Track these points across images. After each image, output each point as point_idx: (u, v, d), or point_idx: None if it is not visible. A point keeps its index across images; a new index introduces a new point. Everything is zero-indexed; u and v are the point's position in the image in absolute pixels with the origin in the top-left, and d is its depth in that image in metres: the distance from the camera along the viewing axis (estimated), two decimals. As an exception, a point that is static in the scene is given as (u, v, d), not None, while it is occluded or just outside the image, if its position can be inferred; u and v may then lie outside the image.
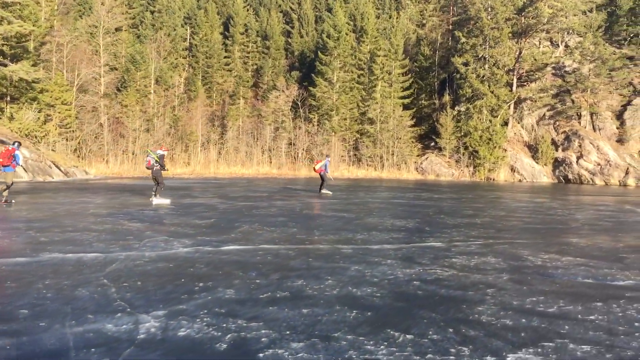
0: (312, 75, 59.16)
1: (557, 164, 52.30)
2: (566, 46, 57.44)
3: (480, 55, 52.77)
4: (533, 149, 53.55)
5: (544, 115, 55.20)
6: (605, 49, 52.20)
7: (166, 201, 16.22)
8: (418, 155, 56.72)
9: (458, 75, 54.03)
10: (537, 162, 52.47)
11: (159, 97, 54.44)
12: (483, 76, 52.79)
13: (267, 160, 55.36)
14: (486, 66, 52.80)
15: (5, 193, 14.70)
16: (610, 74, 53.59)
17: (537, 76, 55.61)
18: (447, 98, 57.00)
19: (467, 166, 53.23)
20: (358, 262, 7.80)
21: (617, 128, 52.76)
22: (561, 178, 51.91)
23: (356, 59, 59.59)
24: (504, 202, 21.09)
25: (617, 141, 52.09)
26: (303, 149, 56.17)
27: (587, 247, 9.82)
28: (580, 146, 51.05)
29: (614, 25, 62.52)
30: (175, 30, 69.29)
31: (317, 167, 21.89)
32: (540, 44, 59.36)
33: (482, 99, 52.25)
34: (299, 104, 58.62)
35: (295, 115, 59.00)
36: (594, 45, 51.57)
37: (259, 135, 56.50)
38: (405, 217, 14.53)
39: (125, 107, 47.86)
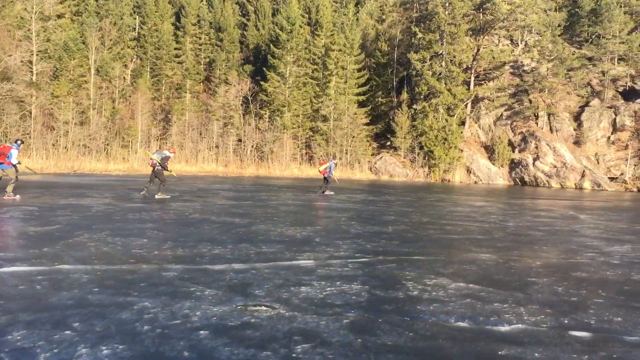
0: (264, 69, 56.89)
1: (513, 165, 51.31)
2: (526, 45, 56.54)
3: (437, 52, 51.32)
4: (490, 150, 52.47)
5: (501, 115, 54.19)
6: (564, 48, 51.42)
7: (167, 196, 17.38)
8: (373, 155, 55.03)
9: (414, 72, 52.49)
10: (493, 164, 51.37)
11: (98, 88, 51.34)
12: (440, 74, 51.40)
13: (214, 158, 52.82)
14: (443, 63, 51.41)
15: (9, 188, 15.00)
16: (568, 74, 52.90)
17: (495, 75, 54.57)
18: (405, 96, 55.51)
19: (422, 167, 51.79)
20: (157, 295, 5.68)
21: (575, 130, 52.08)
22: (517, 180, 50.94)
23: (310, 53, 57.55)
24: (439, 206, 19.28)
25: (574, 143, 51.39)
26: (252, 147, 53.85)
27: (493, 267, 7.91)
28: (536, 147, 50.14)
29: (575, 26, 62.11)
30: (122, 19, 65.95)
31: (321, 168, 21.85)
32: (499, 42, 58.41)
33: (439, 97, 50.84)
34: (250, 99, 56.26)
35: (246, 111, 56.63)
36: (552, 44, 50.72)
37: (206, 131, 53.91)
38: (307, 223, 12.48)
39: (57, 97, 44.70)
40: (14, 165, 15.05)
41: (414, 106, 53.77)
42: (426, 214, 16.30)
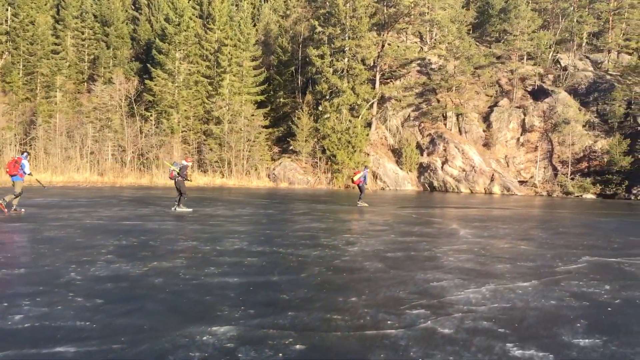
0: (148, 65, 51.63)
1: (422, 170, 48.68)
2: (434, 41, 54.40)
3: (338, 48, 47.95)
4: (397, 154, 49.60)
5: (409, 116, 51.58)
6: (470, 45, 49.45)
7: (188, 210, 16.79)
8: (273, 160, 50.91)
9: (314, 70, 48.91)
10: (401, 168, 48.50)
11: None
12: (342, 71, 48.06)
13: (89, 166, 46.85)
14: (345, 60, 48.12)
15: (15, 202, 15.02)
16: (476, 72, 51.04)
17: (401, 73, 51.95)
18: (309, 97, 51.88)
19: (325, 172, 48.16)
20: None
21: (484, 131, 50.17)
22: (427, 185, 48.33)
23: (203, 49, 52.83)
24: (294, 222, 15.18)
25: (484, 145, 49.44)
26: (136, 153, 48.35)
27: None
28: (445, 150, 47.71)
29: (486, 25, 60.83)
30: (-11, 9, 58.61)
31: (355, 178, 21.75)
32: (406, 39, 56.01)
33: (341, 96, 47.45)
34: (133, 99, 50.76)
35: (130, 113, 51.04)
36: (459, 40, 48.58)
37: (79, 135, 47.85)
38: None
39: None
40: (28, 175, 15.30)
41: (320, 108, 50.19)
42: (253, 233, 12.13)
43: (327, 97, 48.42)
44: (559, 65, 55.21)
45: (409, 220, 16.54)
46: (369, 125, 50.86)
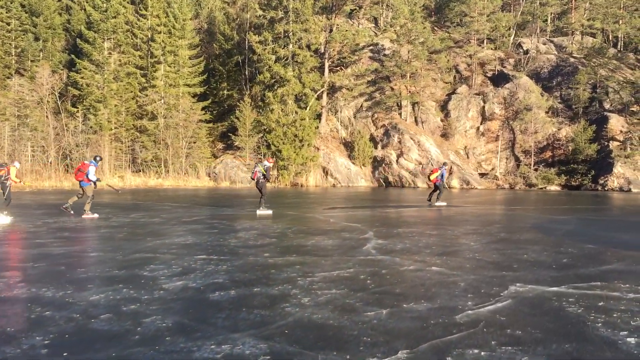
0: (72, 56, 47.27)
1: (376, 164, 45.46)
2: (385, 24, 51.18)
3: (281, 32, 44.35)
4: (350, 147, 46.26)
5: (361, 106, 48.29)
6: (425, 28, 46.35)
7: (269, 212, 16.34)
8: (215, 158, 47.14)
9: (255, 57, 45.23)
10: (354, 163, 45.18)
11: None
12: (286, 58, 44.48)
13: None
14: (290, 46, 44.54)
15: (86, 207, 15.05)
16: (431, 57, 48.00)
17: (353, 60, 48.62)
18: (256, 88, 48.26)
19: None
20: None
21: (442, 120, 47.19)
22: (381, 181, 45.11)
23: (135, 37, 48.64)
24: (167, 233, 11.57)
25: (442, 136, 46.46)
26: (59, 153, 43.97)
27: None
28: (400, 142, 44.55)
29: (445, 9, 57.89)
30: None
31: (432, 177, 20.97)
32: (359, 23, 52.68)
33: (285, 85, 43.89)
34: (57, 94, 46.32)
35: (55, 109, 46.57)
36: (411, 23, 45.41)
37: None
38: None
39: None
40: (94, 182, 15.17)
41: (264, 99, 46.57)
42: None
43: (271, 87, 44.83)
44: (521, 50, 52.60)
45: (317, 228, 13.12)
46: (319, 117, 47.45)
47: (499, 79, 48.50)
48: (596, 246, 9.85)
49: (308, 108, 45.42)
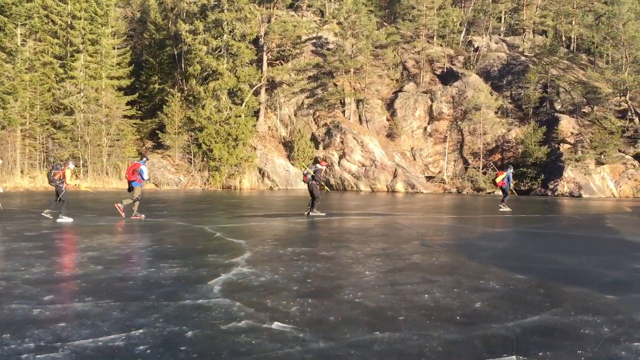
0: (-21, 42, 42.92)
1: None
2: (328, 16, 48.76)
3: (214, 21, 41.27)
4: (290, 147, 43.57)
5: (302, 103, 45.68)
6: (370, 20, 44.06)
7: (322, 214, 16.47)
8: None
9: (186, 48, 42.03)
10: (293, 164, 42.48)
11: None
12: (218, 49, 41.44)
13: None
14: (224, 37, 41.52)
15: (135, 207, 15.16)
16: (377, 52, 45.87)
17: (293, 53, 45.97)
18: (192, 83, 44.95)
19: (201, 171, 41.46)
20: None
21: (388, 120, 45.03)
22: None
23: (54, 24, 44.61)
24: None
25: (387, 136, 44.30)
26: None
27: None
28: (342, 142, 42.12)
29: (396, 5, 55.88)
30: None
31: (498, 180, 20.42)
32: (302, 16, 50.08)
33: (218, 79, 40.86)
34: (-39, 84, 41.90)
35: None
36: (355, 15, 43.05)
37: None
38: None
39: None
40: (145, 181, 15.50)
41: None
42: None
43: (204, 81, 41.75)
44: (472, 48, 51.01)
45: (185, 246, 10.38)
46: (257, 114, 44.58)
47: (447, 77, 46.73)
48: (528, 277, 7.38)
49: (244, 104, 42.53)
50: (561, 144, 39.13)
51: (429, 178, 41.73)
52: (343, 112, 44.89)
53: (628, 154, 38.21)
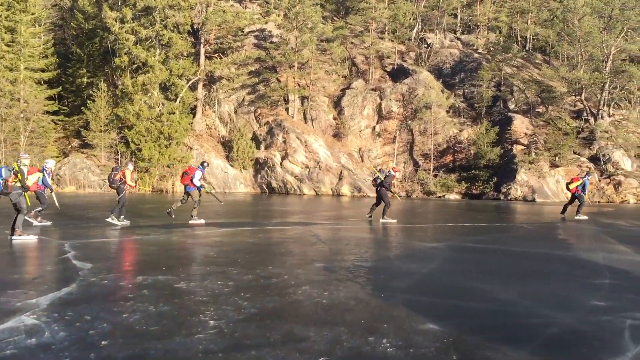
0: None
1: (258, 167, 40.36)
2: (268, 6, 46.29)
3: (143, 9, 38.27)
4: (229, 147, 40.89)
5: (243, 100, 43.08)
6: (316, 12, 41.79)
7: (393, 221, 16.05)
8: (66, 156, 40.26)
9: (113, 38, 38.87)
10: (232, 165, 39.82)
11: None
12: (149, 40, 38.45)
13: None
14: (155, 26, 38.53)
15: (194, 212, 14.80)
16: (323, 46, 43.71)
17: (234, 46, 43.35)
18: (125, 77, 41.65)
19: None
20: None
21: (334, 118, 42.84)
22: (264, 186, 40.08)
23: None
24: None
25: (334, 136, 42.10)
26: None
27: None
28: (285, 142, 39.69)
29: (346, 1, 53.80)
30: None
31: (572, 186, 19.08)
32: (245, 7, 47.47)
33: (148, 72, 37.86)
34: None
35: None
36: (299, 5, 40.70)
37: None
38: None
39: None
40: (198, 188, 14.88)
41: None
42: None
43: (134, 74, 38.71)
44: (425, 45, 49.36)
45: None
46: (193, 111, 41.74)
47: (398, 74, 44.91)
48: (443, 328, 5.12)
49: (178, 100, 39.67)
50: (514, 145, 37.70)
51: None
52: (287, 109, 42.50)
53: (583, 156, 37.04)
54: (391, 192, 16.67)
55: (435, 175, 38.68)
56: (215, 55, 42.62)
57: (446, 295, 6.63)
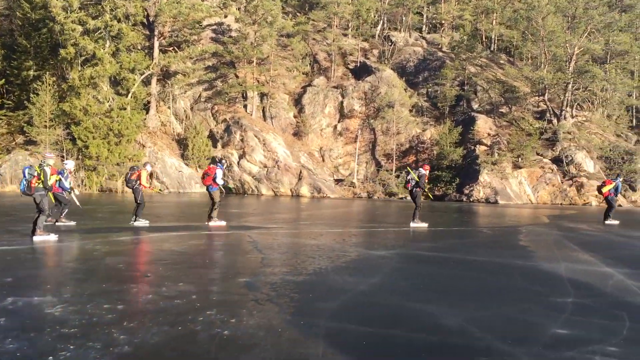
0: None
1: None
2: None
3: (93, -1, 36.42)
4: (184, 145, 39.28)
5: (200, 96, 41.53)
6: (275, 5, 40.47)
7: (424, 225, 15.59)
8: (8, 152, 38.04)
9: (59, 28, 36.85)
10: (187, 164, 38.23)
11: None
12: (98, 31, 36.57)
13: None
14: (106, 16, 36.65)
15: (214, 213, 14.62)
16: (283, 42, 42.45)
17: (190, 39, 41.75)
18: (75, 72, 39.52)
19: (76, 170, 36.31)
20: None
21: (295, 117, 41.64)
22: (221, 186, 38.32)
23: None
24: None
25: (294, 134, 40.89)
26: None
27: None
28: (242, 141, 38.30)
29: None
30: None
31: (605, 190, 18.45)
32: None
33: (97, 65, 35.99)
34: None
35: None
36: (258, -2, 39.37)
37: None
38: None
39: None
40: (221, 187, 14.89)
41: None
42: None
43: (78, 67, 36.77)
44: (389, 43, 48.49)
45: None
46: (147, 107, 39.99)
47: (360, 72, 43.95)
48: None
49: (130, 95, 37.84)
50: (477, 146, 37.09)
51: (338, 181, 38.65)
52: (245, 107, 41.11)
53: (546, 157, 36.64)
54: (425, 192, 16.10)
55: (398, 176, 37.79)
56: (171, 48, 40.93)
57: (379, 322, 5.48)
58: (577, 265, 9.50)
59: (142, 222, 14.45)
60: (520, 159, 35.56)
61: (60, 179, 13.40)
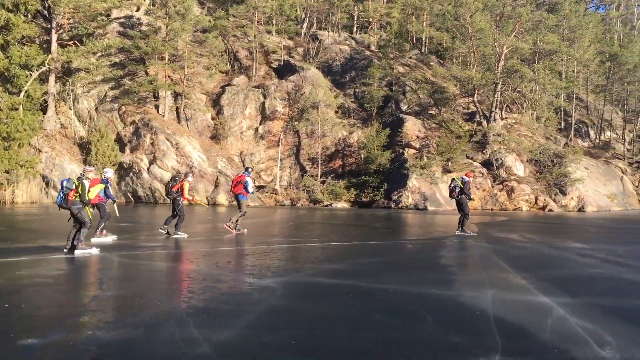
0: None
1: (123, 172, 35.52)
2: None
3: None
4: (87, 150, 35.70)
5: (106, 95, 38.07)
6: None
7: (474, 233, 15.54)
8: None
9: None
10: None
11: None
12: (-17, 20, 32.66)
13: None
14: (-7, 5, 32.76)
15: (238, 222, 14.79)
16: (199, 36, 39.69)
17: (94, 33, 38.27)
18: None
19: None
20: None
21: (213, 119, 38.87)
22: (129, 195, 35.31)
23: None
24: None
25: (212, 138, 38.12)
26: None
27: None
28: (153, 144, 35.18)
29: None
30: None
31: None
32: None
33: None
34: None
35: None
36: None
37: None
38: None
39: None
40: (251, 194, 15.17)
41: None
42: None
43: (-38, 61, 32.74)
44: (316, 41, 46.43)
45: None
46: (44, 107, 36.23)
47: (284, 71, 41.69)
48: None
49: (22, 94, 34.03)
50: (406, 149, 35.48)
51: (259, 188, 36.08)
52: (156, 107, 37.96)
53: (476, 161, 35.45)
54: (471, 198, 15.70)
55: (323, 182, 35.68)
56: (71, 42, 37.28)
57: None
58: (507, 294, 7.48)
59: (180, 234, 14.07)
60: (450, 162, 34.18)
61: (106, 187, 13.10)
